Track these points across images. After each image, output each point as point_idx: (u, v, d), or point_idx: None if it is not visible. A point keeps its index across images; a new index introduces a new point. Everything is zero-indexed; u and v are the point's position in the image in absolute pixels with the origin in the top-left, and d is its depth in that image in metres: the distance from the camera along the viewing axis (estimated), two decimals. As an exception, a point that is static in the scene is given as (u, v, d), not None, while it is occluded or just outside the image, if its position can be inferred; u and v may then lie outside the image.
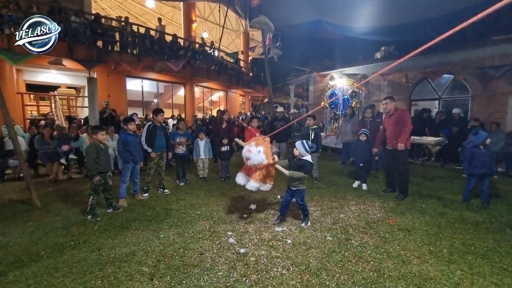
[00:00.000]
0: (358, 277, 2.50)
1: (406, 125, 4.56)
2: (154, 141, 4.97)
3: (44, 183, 6.06)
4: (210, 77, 13.72)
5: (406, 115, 4.69)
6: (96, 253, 2.96)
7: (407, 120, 4.59)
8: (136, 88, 12.44)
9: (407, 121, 4.58)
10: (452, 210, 4.22)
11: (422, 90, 10.18)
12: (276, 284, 2.42)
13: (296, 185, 3.58)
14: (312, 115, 6.15)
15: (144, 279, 2.50)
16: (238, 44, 23.25)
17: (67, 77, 11.03)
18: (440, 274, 2.55)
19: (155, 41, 11.73)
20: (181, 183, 5.94)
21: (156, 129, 5.04)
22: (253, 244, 3.16)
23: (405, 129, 4.55)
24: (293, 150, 3.70)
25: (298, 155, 3.59)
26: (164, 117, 5.49)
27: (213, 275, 2.55)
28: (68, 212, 4.25)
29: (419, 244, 3.14)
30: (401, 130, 4.57)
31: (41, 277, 2.54)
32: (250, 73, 19.05)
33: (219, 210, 4.28)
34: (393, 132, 4.72)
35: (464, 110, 8.79)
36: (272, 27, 8.61)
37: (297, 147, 3.59)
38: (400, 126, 4.61)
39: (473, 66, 8.45)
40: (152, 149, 4.94)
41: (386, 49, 11.29)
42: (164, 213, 4.17)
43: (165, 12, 23.20)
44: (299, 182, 3.57)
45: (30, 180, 4.50)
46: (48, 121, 7.97)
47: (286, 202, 3.74)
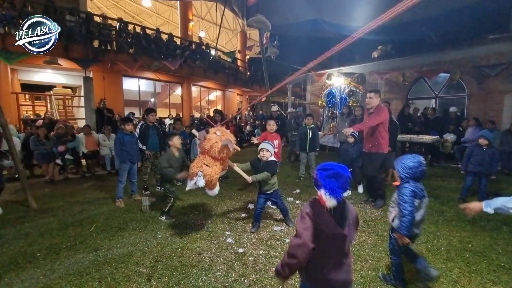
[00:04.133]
0: (357, 276, 2.50)
1: (372, 119, 4.02)
2: (147, 141, 4.97)
3: (40, 184, 6.00)
4: (207, 77, 13.68)
5: (381, 111, 4.07)
6: (93, 254, 2.94)
7: (378, 115, 4.00)
8: (132, 87, 12.36)
9: (376, 116, 4.00)
10: (449, 208, 4.24)
11: (419, 89, 10.24)
12: (275, 284, 2.41)
13: (270, 187, 3.44)
14: (310, 114, 6.15)
15: (142, 280, 2.48)
16: (235, 43, 23.18)
17: (62, 77, 10.93)
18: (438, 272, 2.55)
19: (151, 40, 11.66)
20: (179, 183, 5.90)
21: (148, 128, 5.04)
22: (251, 243, 3.15)
23: (371, 123, 4.01)
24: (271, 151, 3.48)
25: (268, 157, 3.40)
26: (156, 117, 5.46)
27: (212, 275, 2.54)
28: (64, 213, 4.20)
29: (417, 242, 3.14)
30: (380, 131, 4.07)
31: (37, 279, 2.51)
32: (247, 72, 19.02)
33: (217, 210, 4.26)
34: (370, 133, 4.19)
35: (461, 108, 8.85)
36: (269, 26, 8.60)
37: (268, 148, 3.40)
38: (379, 126, 4.06)
39: (470, 65, 8.51)
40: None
41: (383, 48, 11.33)
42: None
43: (162, 11, 23.08)
44: (272, 184, 3.45)
45: (25, 180, 4.45)
46: (46, 121, 7.87)
47: (260, 209, 3.51)
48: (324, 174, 1.46)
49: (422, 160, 2.13)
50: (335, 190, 1.41)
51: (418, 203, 2.12)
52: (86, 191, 5.44)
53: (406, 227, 2.05)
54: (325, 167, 1.50)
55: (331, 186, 1.42)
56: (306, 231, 1.42)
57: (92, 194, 5.26)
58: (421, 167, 2.10)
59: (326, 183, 1.43)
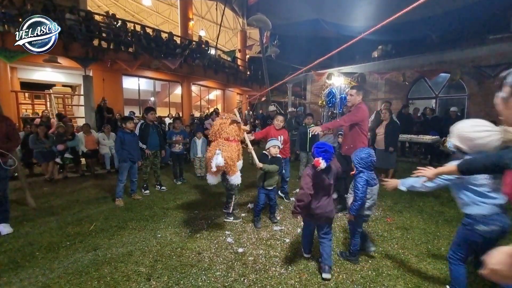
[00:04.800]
0: (357, 276, 2.50)
1: (345, 118, 3.74)
2: (147, 140, 4.97)
3: (40, 183, 5.98)
4: (207, 76, 13.64)
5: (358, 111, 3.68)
6: (92, 254, 2.93)
7: (353, 114, 3.67)
8: (132, 86, 12.32)
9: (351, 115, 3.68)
10: (449, 209, 4.23)
11: (419, 89, 10.23)
12: (275, 283, 2.40)
13: (273, 183, 3.59)
14: (310, 113, 6.15)
15: (141, 279, 2.47)
16: (235, 42, 23.13)
17: (62, 75, 10.88)
18: (439, 273, 2.55)
19: (151, 39, 11.63)
20: (179, 182, 5.91)
21: (148, 127, 5.04)
22: (251, 243, 3.14)
23: (342, 121, 3.74)
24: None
25: (275, 153, 3.53)
26: (155, 115, 5.47)
27: (211, 275, 2.53)
28: (63, 212, 4.19)
29: (417, 243, 3.14)
30: (357, 132, 3.70)
31: (36, 278, 2.50)
32: (247, 71, 18.99)
33: (216, 209, 4.25)
34: (349, 134, 3.83)
35: (461, 109, 8.85)
36: (270, 25, 8.58)
37: (278, 145, 3.57)
38: (355, 127, 3.71)
39: (470, 65, 8.50)
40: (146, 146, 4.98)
41: (383, 48, 11.32)
42: (162, 213, 4.13)
43: (162, 10, 23.02)
44: (275, 180, 3.61)
45: (24, 179, 4.44)
46: (43, 119, 7.85)
47: (262, 205, 3.62)
48: (318, 150, 2.39)
49: (371, 151, 2.60)
50: (326, 159, 2.35)
51: (371, 189, 2.57)
52: (85, 190, 5.43)
53: (356, 210, 2.53)
54: (318, 146, 2.42)
55: (323, 157, 2.35)
56: (307, 185, 2.37)
57: (92, 193, 5.24)
58: (370, 158, 2.56)
59: (321, 155, 2.35)
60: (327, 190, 2.47)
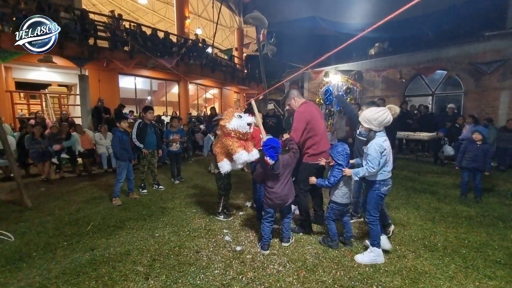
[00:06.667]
0: (354, 273, 2.51)
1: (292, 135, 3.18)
2: (144, 139, 4.98)
3: (36, 183, 5.95)
4: (204, 74, 13.58)
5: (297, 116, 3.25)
6: (89, 253, 2.92)
7: (294, 124, 3.24)
8: (129, 85, 12.25)
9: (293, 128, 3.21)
10: (446, 205, 4.27)
11: (416, 86, 10.28)
12: (273, 281, 2.41)
13: None
14: None
15: (139, 278, 2.47)
16: (232, 40, 23.06)
17: (58, 75, 10.79)
18: (435, 268, 2.57)
19: (147, 37, 11.55)
20: (176, 181, 5.90)
21: (146, 126, 5.04)
22: (249, 241, 3.15)
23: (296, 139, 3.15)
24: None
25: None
26: (153, 115, 5.47)
27: (209, 273, 2.53)
28: (60, 212, 4.17)
29: (414, 239, 3.17)
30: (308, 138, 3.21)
31: (33, 279, 2.49)
32: (244, 70, 18.94)
33: (214, 208, 4.24)
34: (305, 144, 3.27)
35: (457, 105, 8.90)
36: (266, 23, 8.54)
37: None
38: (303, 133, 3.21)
39: (466, 62, 8.55)
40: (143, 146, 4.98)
41: (380, 45, 11.33)
42: (159, 212, 4.13)
43: (158, 9, 22.91)
44: None
45: (20, 180, 4.41)
46: (38, 120, 7.79)
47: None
48: (266, 148, 2.69)
49: (346, 146, 2.89)
50: (273, 156, 2.69)
51: (345, 179, 2.87)
52: (82, 190, 5.40)
53: (322, 184, 2.96)
54: (266, 144, 2.71)
55: (270, 154, 2.68)
56: (261, 174, 2.92)
57: (89, 193, 5.22)
58: (345, 151, 2.86)
59: (268, 152, 2.68)
60: (278, 178, 2.86)
